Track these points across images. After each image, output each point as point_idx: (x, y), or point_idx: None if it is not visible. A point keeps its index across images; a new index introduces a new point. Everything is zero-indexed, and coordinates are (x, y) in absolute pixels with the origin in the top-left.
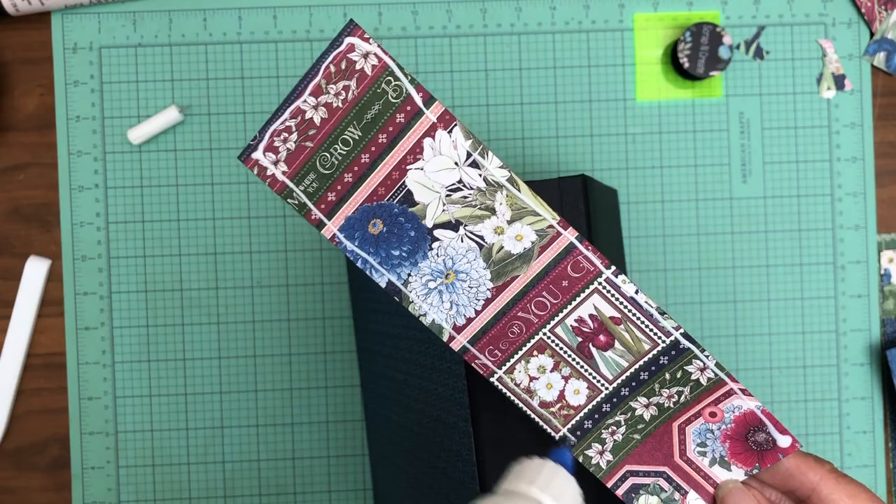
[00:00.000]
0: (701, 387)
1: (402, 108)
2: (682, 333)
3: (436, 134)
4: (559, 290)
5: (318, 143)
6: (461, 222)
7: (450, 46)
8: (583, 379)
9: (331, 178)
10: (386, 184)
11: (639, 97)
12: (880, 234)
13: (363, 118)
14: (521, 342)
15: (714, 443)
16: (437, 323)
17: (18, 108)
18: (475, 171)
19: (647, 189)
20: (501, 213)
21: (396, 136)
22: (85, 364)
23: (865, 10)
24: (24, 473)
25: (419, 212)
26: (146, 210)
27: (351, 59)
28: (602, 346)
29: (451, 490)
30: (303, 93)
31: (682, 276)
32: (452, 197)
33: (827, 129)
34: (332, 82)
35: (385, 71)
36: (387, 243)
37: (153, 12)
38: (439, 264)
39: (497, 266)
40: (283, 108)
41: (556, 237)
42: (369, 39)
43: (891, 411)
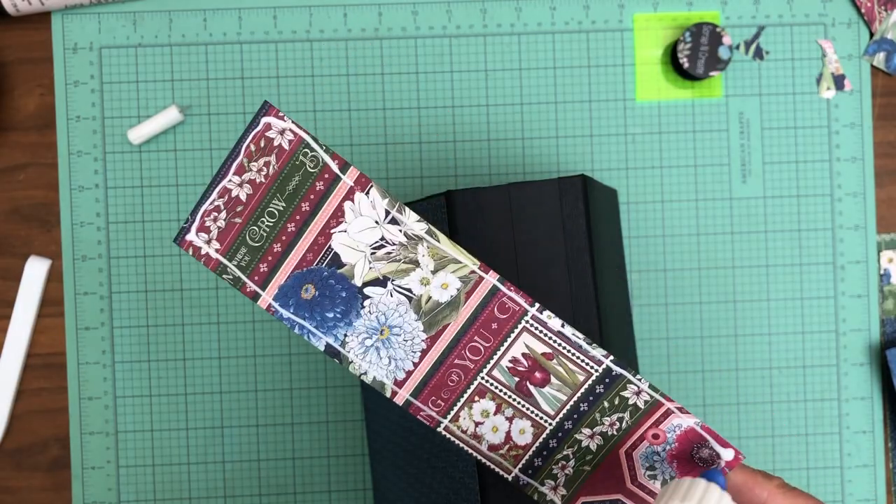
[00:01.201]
0: (640, 410)
1: (320, 177)
2: (612, 360)
3: (354, 196)
4: (490, 332)
5: (247, 217)
6: (388, 278)
7: (450, 46)
8: (526, 418)
9: (261, 250)
10: (313, 249)
11: (639, 97)
12: (880, 234)
13: (285, 190)
14: (461, 389)
15: (662, 464)
16: (379, 380)
17: (18, 108)
18: (395, 227)
19: (646, 189)
20: (425, 265)
21: (318, 203)
22: (85, 364)
23: (865, 10)
24: (24, 473)
25: (347, 272)
26: (146, 210)
27: (268, 136)
28: (539, 382)
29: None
30: (227, 173)
31: (682, 276)
32: (377, 254)
33: (827, 129)
34: (253, 160)
35: (301, 144)
36: (320, 307)
37: (153, 12)
38: (373, 321)
39: (428, 317)
40: (211, 190)
41: (479, 282)
42: (283, 117)
43: (890, 411)
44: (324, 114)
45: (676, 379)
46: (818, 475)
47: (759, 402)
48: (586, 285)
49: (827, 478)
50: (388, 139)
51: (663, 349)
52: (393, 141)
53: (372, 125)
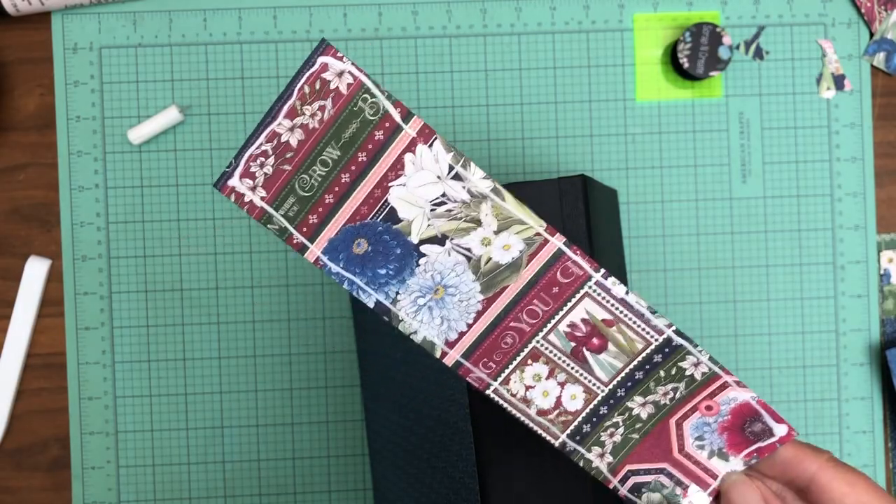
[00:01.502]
0: (696, 382)
1: (380, 125)
2: (675, 330)
3: (416, 149)
4: (550, 297)
5: (297, 165)
6: (447, 236)
7: (450, 46)
8: (579, 384)
9: (311, 201)
10: (368, 202)
11: (639, 97)
12: (880, 234)
13: (341, 137)
14: (514, 352)
15: (712, 435)
16: (429, 340)
17: (18, 108)
18: (458, 183)
19: (646, 189)
20: (487, 224)
21: (376, 153)
22: (85, 364)
23: (865, 10)
24: (24, 473)
25: (404, 228)
26: (146, 210)
27: (325, 78)
28: (596, 349)
29: (451, 490)
30: (277, 115)
31: (682, 276)
32: (437, 211)
33: (827, 129)
34: (307, 103)
35: (361, 88)
36: (373, 263)
37: (153, 12)
38: (427, 280)
39: (486, 278)
40: (258, 133)
41: (543, 244)
42: (342, 58)
43: (890, 411)
44: None
45: None
46: None
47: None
48: None
49: None
50: None
51: None
52: None
53: None
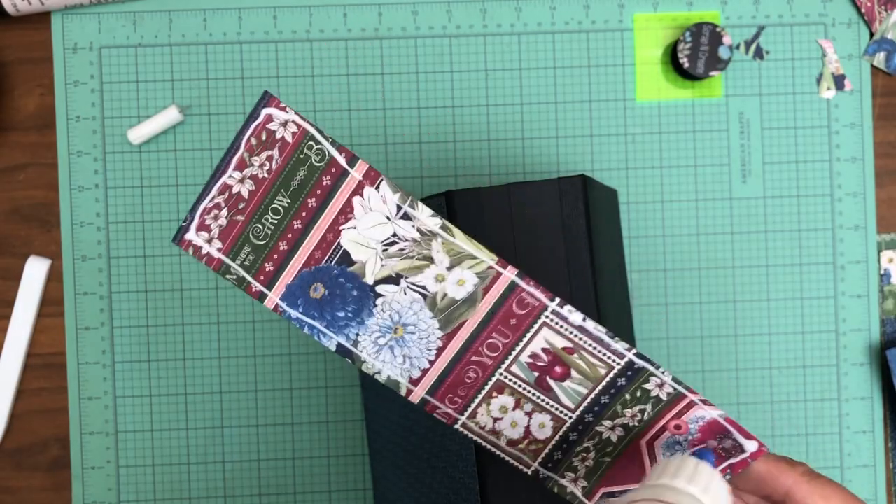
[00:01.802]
0: (662, 402)
1: (326, 171)
2: (635, 354)
3: (364, 191)
4: (508, 329)
5: (249, 215)
6: (402, 275)
7: (450, 46)
8: (546, 412)
9: (266, 249)
10: (322, 247)
11: (639, 97)
12: (880, 234)
13: (290, 185)
14: (479, 385)
15: (683, 453)
16: (393, 379)
17: (18, 108)
18: (407, 222)
19: (647, 189)
20: (440, 261)
21: (325, 198)
22: (85, 364)
23: (865, 10)
24: (24, 473)
25: (358, 270)
26: (146, 210)
27: (270, 129)
28: (559, 377)
29: (451, 490)
30: (227, 168)
31: (682, 276)
32: (389, 251)
33: (827, 129)
34: (255, 154)
35: (305, 136)
36: (331, 306)
37: (153, 12)
38: (386, 320)
39: (444, 314)
40: (210, 186)
41: (497, 277)
42: (286, 108)
43: (891, 411)
44: (324, 114)
45: None
46: None
47: (759, 402)
48: (586, 285)
49: None
50: (388, 139)
51: (663, 349)
52: (393, 141)
53: (372, 125)
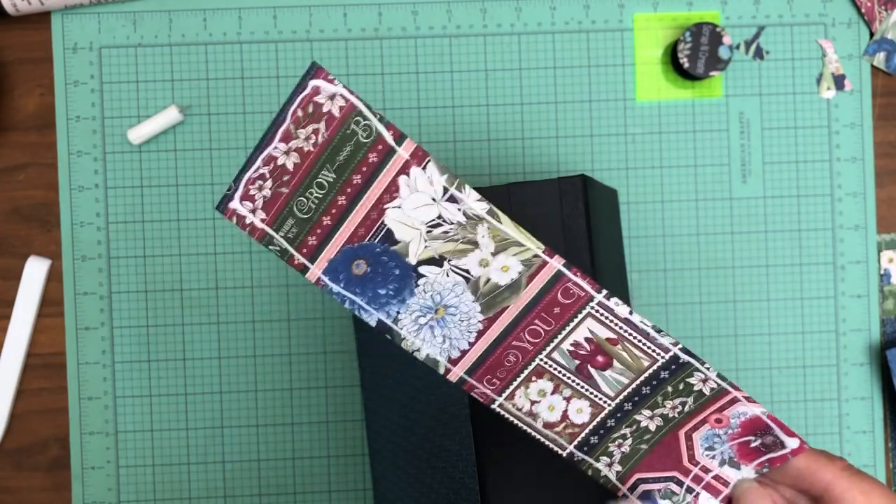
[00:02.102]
0: (704, 396)
1: (373, 148)
2: (681, 349)
3: (410, 171)
4: (551, 317)
5: (294, 188)
6: (445, 257)
7: (450, 46)
8: (584, 398)
9: (310, 223)
10: (365, 224)
11: (639, 97)
12: (880, 234)
13: (335, 160)
14: (518, 369)
15: (722, 445)
16: (432, 357)
17: (18, 108)
18: (454, 205)
19: (647, 189)
20: (485, 246)
21: (371, 175)
22: (85, 364)
23: (865, 10)
24: (24, 473)
25: (401, 250)
26: (146, 210)
27: (317, 101)
28: (601, 366)
29: (451, 490)
30: (273, 139)
31: (682, 276)
32: (433, 233)
33: (827, 129)
34: (300, 126)
35: (353, 112)
36: (372, 283)
37: (153, 12)
38: (427, 300)
39: (486, 298)
40: (255, 156)
41: (542, 266)
42: (334, 81)
43: (891, 411)
44: None
45: None
46: None
47: (759, 402)
48: None
49: None
50: None
51: None
52: None
53: None
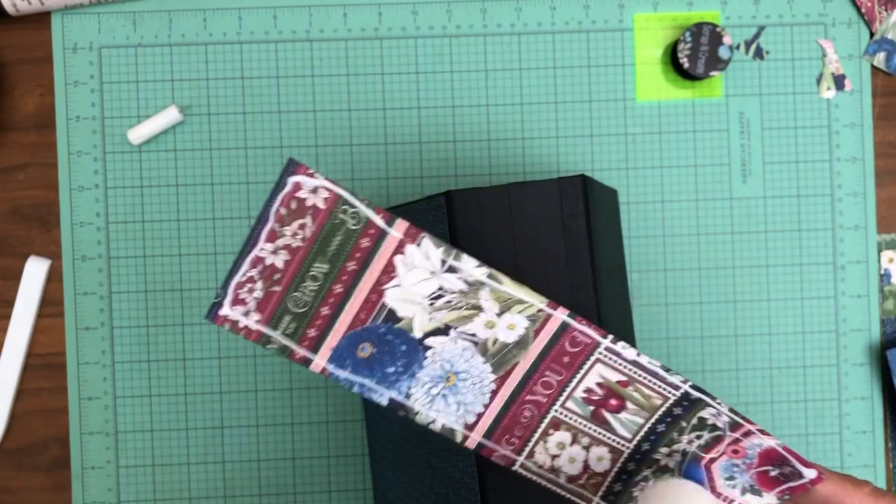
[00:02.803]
0: (718, 429)
1: (364, 234)
2: (691, 385)
3: (406, 250)
4: (562, 366)
5: (287, 284)
6: (451, 326)
7: (450, 46)
8: (603, 445)
9: (308, 316)
10: (366, 308)
11: (639, 97)
12: (880, 234)
13: (327, 252)
14: (535, 424)
15: (742, 475)
16: (448, 427)
17: (18, 108)
18: (453, 275)
19: (647, 189)
20: (489, 309)
21: (365, 260)
22: (85, 364)
23: (865, 10)
24: (24, 473)
25: (406, 325)
26: (146, 210)
27: (300, 197)
28: (615, 409)
29: (451, 490)
30: (258, 241)
31: (682, 276)
32: (436, 304)
33: (827, 129)
34: (285, 224)
35: (339, 201)
36: (380, 363)
37: (153, 12)
38: (437, 370)
39: (496, 358)
40: (242, 260)
41: (548, 319)
42: (314, 174)
43: (891, 411)
44: (324, 114)
45: None
46: None
47: (759, 402)
48: (586, 285)
49: None
50: (388, 139)
51: (663, 349)
52: (393, 141)
53: (372, 125)
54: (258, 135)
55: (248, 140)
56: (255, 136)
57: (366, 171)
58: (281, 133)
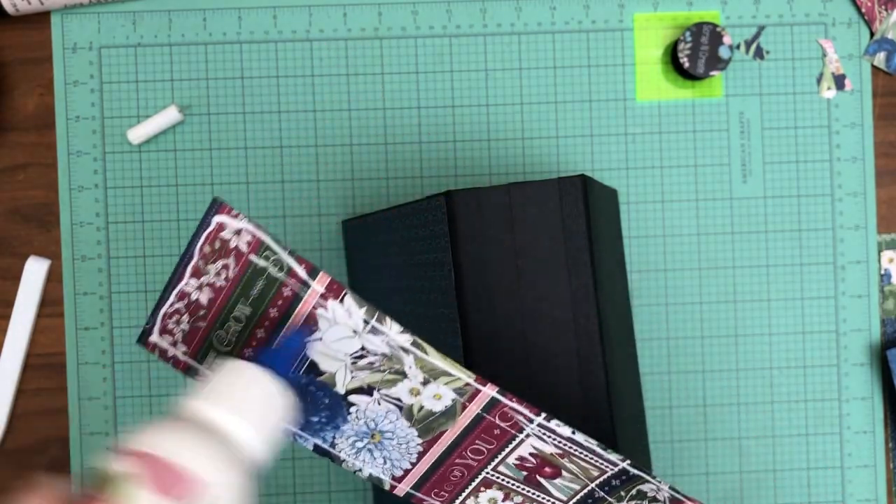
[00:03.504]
0: (659, 501)
1: (286, 282)
2: (630, 464)
3: (328, 304)
4: (492, 437)
5: (211, 321)
6: (374, 387)
7: (450, 46)
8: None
9: (232, 356)
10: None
11: (639, 97)
12: (880, 234)
13: (249, 294)
14: (465, 482)
15: None
16: (375, 475)
17: (18, 108)
18: (376, 337)
19: (647, 189)
20: (413, 376)
21: (287, 309)
22: (85, 364)
23: (865, 10)
24: (24, 473)
25: (328, 380)
26: (146, 210)
27: (223, 238)
28: (549, 475)
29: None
30: (183, 276)
31: (682, 276)
32: (359, 364)
33: (827, 129)
34: (210, 262)
35: (261, 246)
36: (303, 412)
37: (153, 12)
38: (362, 426)
39: (422, 423)
40: (169, 292)
41: (476, 393)
42: (238, 216)
43: (891, 411)
44: (324, 114)
45: (676, 379)
46: (818, 475)
47: (759, 402)
48: (586, 285)
49: (827, 478)
50: (388, 139)
51: (663, 349)
52: (393, 141)
53: (372, 125)
54: (258, 135)
55: (248, 140)
56: (255, 136)
57: (366, 171)
58: (281, 133)
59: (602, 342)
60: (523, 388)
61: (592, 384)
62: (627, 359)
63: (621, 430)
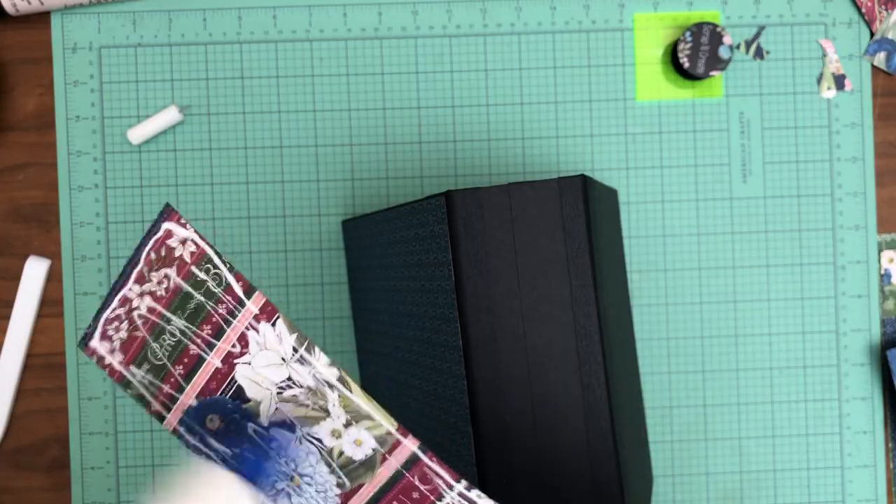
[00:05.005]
0: None
1: (222, 298)
2: None
3: (259, 327)
4: (411, 501)
5: (148, 331)
6: (297, 423)
7: (450, 46)
8: None
9: (164, 370)
10: (217, 378)
11: (639, 97)
12: (880, 234)
13: (186, 307)
14: None
15: None
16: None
17: (18, 108)
18: (304, 368)
19: (647, 189)
20: (336, 416)
21: (220, 327)
22: (85, 364)
23: (865, 10)
24: (24, 473)
25: (253, 408)
26: (146, 210)
27: (169, 245)
28: None
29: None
30: (128, 280)
31: (682, 276)
32: (284, 395)
33: (827, 129)
34: (153, 269)
35: (203, 258)
36: (227, 440)
37: (153, 12)
38: (283, 466)
39: (342, 471)
40: (112, 296)
41: (397, 445)
42: (186, 224)
43: (891, 411)
44: (324, 114)
45: (676, 379)
46: (818, 475)
47: (759, 402)
48: (586, 285)
49: (827, 478)
50: (388, 139)
51: (663, 349)
52: (393, 141)
53: (372, 125)
54: (258, 135)
55: (248, 140)
56: (255, 136)
57: (366, 171)
58: (281, 133)
59: (602, 342)
60: (524, 388)
61: (592, 384)
62: (627, 359)
63: (621, 430)
